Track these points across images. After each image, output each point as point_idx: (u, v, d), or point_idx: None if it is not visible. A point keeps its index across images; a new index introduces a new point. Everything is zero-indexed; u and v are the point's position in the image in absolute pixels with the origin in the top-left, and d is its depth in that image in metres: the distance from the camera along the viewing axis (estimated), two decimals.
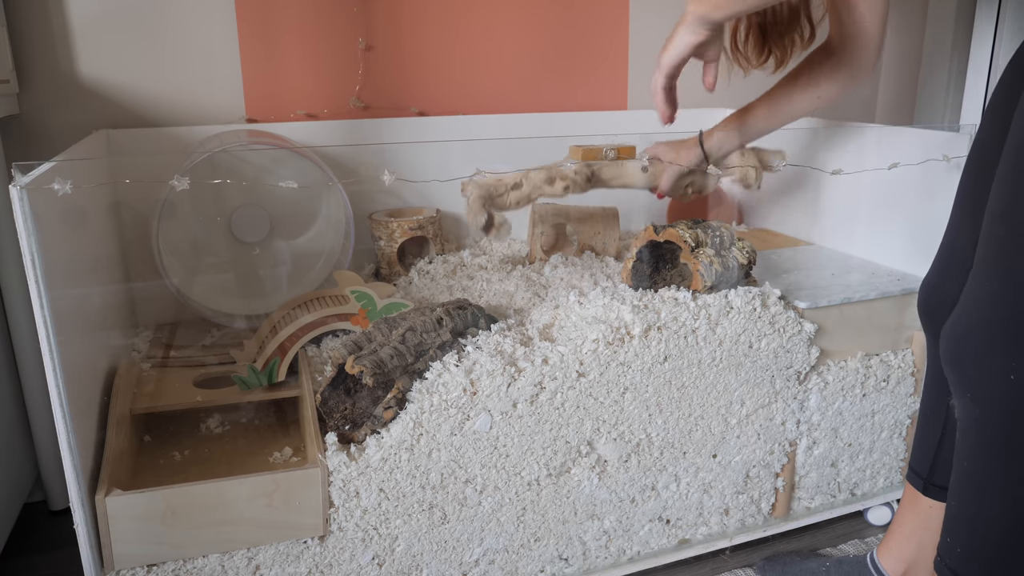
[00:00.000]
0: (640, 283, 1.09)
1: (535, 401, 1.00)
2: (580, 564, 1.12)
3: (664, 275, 1.11)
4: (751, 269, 1.10)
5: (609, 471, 1.08)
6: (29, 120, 1.30)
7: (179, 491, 0.88)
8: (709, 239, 1.06)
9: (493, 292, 1.28)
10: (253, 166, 1.26)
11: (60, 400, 0.81)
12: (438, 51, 1.53)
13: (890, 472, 1.29)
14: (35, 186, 0.77)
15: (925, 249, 1.23)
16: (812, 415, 1.19)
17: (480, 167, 0.94)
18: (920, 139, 1.21)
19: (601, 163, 1.18)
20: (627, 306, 1.05)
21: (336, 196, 1.30)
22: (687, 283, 1.08)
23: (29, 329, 1.22)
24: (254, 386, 1.07)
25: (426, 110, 1.55)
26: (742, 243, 1.08)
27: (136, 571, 0.90)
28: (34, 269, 0.77)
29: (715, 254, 1.05)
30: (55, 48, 1.29)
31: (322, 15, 1.43)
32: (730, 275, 1.05)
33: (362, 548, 0.98)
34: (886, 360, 1.22)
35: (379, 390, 0.99)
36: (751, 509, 1.20)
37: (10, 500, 1.22)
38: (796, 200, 1.51)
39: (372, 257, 1.47)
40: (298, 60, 1.44)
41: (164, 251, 1.19)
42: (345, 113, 1.48)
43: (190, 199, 1.26)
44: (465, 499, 1.01)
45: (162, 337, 1.26)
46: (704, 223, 1.10)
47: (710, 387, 1.10)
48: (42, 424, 1.27)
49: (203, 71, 1.38)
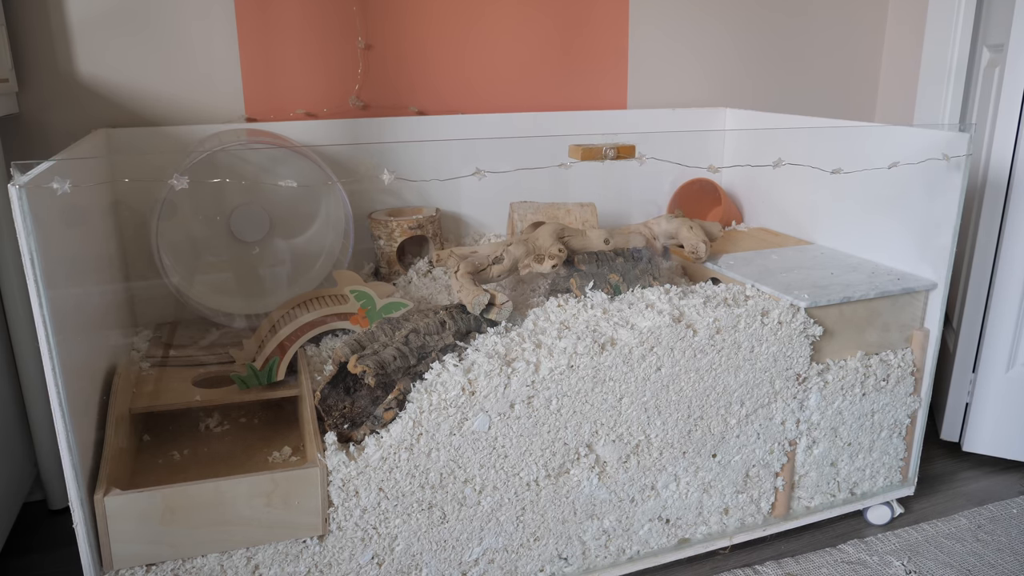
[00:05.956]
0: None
1: (531, 403, 1.00)
2: (580, 563, 1.12)
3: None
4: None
5: (608, 471, 1.08)
6: (28, 119, 1.30)
7: (178, 491, 0.88)
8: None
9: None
10: (253, 165, 1.26)
11: (59, 399, 0.81)
12: (438, 50, 1.53)
13: (890, 471, 1.29)
14: (34, 185, 0.77)
15: (925, 249, 1.23)
16: (812, 414, 1.19)
17: (479, 166, 0.94)
18: (920, 139, 1.21)
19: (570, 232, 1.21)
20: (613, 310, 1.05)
21: (335, 195, 1.30)
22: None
23: (28, 329, 1.22)
24: (253, 385, 1.07)
25: (425, 109, 1.55)
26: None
27: (135, 570, 0.90)
28: (33, 268, 0.77)
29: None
30: (54, 47, 1.29)
31: (322, 14, 1.43)
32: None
33: (361, 547, 0.97)
34: (886, 360, 1.22)
35: (379, 390, 0.99)
36: (751, 508, 1.20)
37: (10, 499, 1.22)
38: (796, 200, 1.51)
39: (372, 256, 1.47)
40: (298, 59, 1.44)
41: (163, 250, 1.19)
42: (344, 112, 1.48)
43: (190, 198, 1.25)
44: (464, 499, 1.01)
45: (161, 336, 1.25)
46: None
47: (709, 388, 1.10)
48: (41, 423, 1.27)
49: (202, 70, 1.38)
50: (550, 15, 1.59)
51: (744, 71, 1.80)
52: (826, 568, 1.19)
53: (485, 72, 1.58)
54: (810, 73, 1.87)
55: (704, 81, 1.76)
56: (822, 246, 1.43)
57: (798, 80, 1.86)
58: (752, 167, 1.58)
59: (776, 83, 1.84)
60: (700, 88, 1.77)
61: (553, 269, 1.15)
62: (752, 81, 1.82)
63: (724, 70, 1.78)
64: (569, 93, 1.64)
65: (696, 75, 1.76)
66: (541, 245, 1.17)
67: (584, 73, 1.65)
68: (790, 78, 1.85)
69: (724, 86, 1.79)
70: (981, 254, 1.44)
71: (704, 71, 1.76)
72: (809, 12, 1.82)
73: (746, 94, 1.82)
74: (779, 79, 1.84)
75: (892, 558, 1.22)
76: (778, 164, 1.10)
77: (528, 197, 1.52)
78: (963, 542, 1.26)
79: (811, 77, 1.87)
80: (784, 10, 1.80)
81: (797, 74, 1.86)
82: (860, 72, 1.92)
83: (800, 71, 1.86)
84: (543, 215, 1.42)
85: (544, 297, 1.20)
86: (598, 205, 1.50)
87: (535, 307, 1.15)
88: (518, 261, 1.17)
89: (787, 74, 1.85)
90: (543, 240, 1.18)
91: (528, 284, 1.27)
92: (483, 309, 1.07)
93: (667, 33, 1.70)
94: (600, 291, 1.17)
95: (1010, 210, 1.38)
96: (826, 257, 1.35)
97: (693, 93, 1.77)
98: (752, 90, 1.83)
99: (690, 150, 1.65)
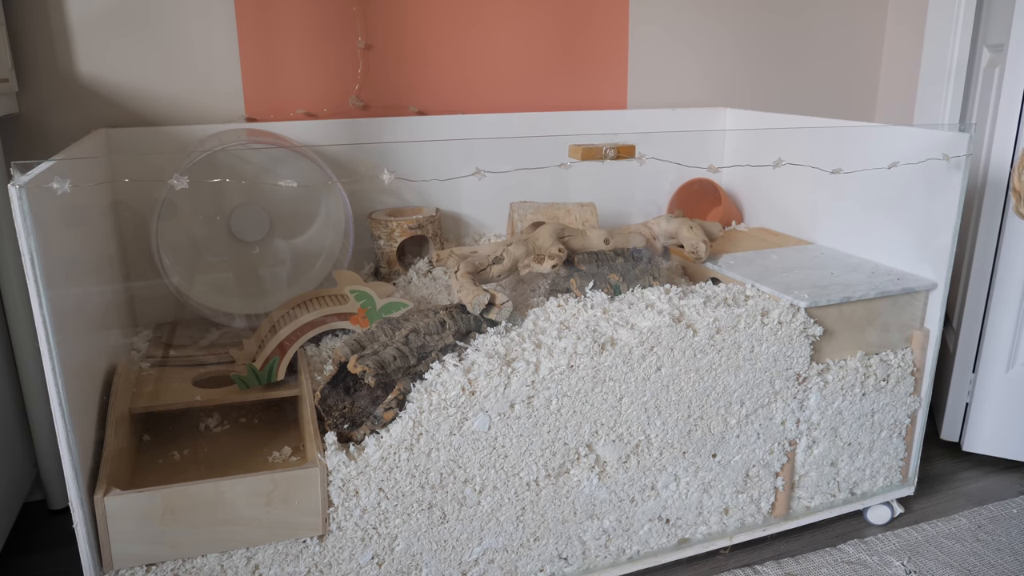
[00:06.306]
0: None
1: (531, 403, 1.00)
2: (580, 563, 1.12)
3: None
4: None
5: (608, 471, 1.08)
6: (28, 119, 1.30)
7: (178, 490, 0.88)
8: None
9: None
10: (252, 165, 1.26)
11: (59, 399, 0.81)
12: (438, 50, 1.53)
13: (890, 471, 1.29)
14: (34, 185, 0.77)
15: (925, 249, 1.23)
16: (812, 414, 1.19)
17: (479, 166, 0.94)
18: (920, 139, 1.21)
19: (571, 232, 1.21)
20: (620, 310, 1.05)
21: (336, 195, 1.30)
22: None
23: (28, 329, 1.22)
24: (253, 385, 1.07)
25: (425, 109, 1.55)
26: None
27: (135, 570, 0.90)
28: (33, 268, 0.77)
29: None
30: (54, 47, 1.29)
31: (322, 14, 1.43)
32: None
33: (361, 547, 0.97)
34: (886, 359, 1.22)
35: (379, 390, 0.99)
36: (751, 508, 1.20)
37: (10, 499, 1.22)
38: (796, 200, 1.51)
39: (372, 256, 1.47)
40: (298, 59, 1.44)
41: (163, 250, 1.19)
42: (344, 112, 1.48)
43: (189, 198, 1.25)
44: (464, 499, 1.01)
45: (161, 336, 1.25)
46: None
47: (709, 388, 1.10)
48: (41, 423, 1.27)
49: (202, 70, 1.38)
50: (550, 15, 1.59)
51: (744, 71, 1.80)
52: (826, 568, 1.19)
53: (485, 72, 1.58)
54: (810, 73, 1.87)
55: (704, 81, 1.76)
56: (822, 246, 1.43)
57: (798, 80, 1.86)
58: (752, 167, 1.58)
59: (776, 83, 1.84)
60: (700, 88, 1.77)
61: (553, 269, 1.15)
62: (752, 81, 1.82)
63: (724, 70, 1.78)
64: (569, 93, 1.64)
65: (696, 75, 1.76)
66: (541, 245, 1.17)
67: (584, 73, 1.65)
68: (790, 78, 1.85)
69: (724, 86, 1.79)
70: (981, 254, 1.44)
71: (704, 71, 1.76)
72: (809, 12, 1.82)
73: (746, 94, 1.82)
74: (779, 79, 1.84)
75: (892, 558, 1.22)
76: (778, 164, 1.10)
77: (528, 197, 1.52)
78: (963, 542, 1.26)
79: (811, 77, 1.87)
80: (784, 10, 1.80)
81: (797, 74, 1.86)
82: (860, 72, 1.92)
83: (800, 71, 1.86)
84: (543, 215, 1.42)
85: (544, 297, 1.20)
86: (598, 205, 1.50)
87: (535, 307, 1.15)
88: (518, 261, 1.17)
89: (787, 74, 1.85)
90: (543, 240, 1.18)
91: (528, 284, 1.27)
92: (483, 309, 1.07)
93: (667, 33, 1.70)
94: (600, 291, 1.17)
95: (1010, 210, 1.38)
96: (826, 257, 1.35)
97: (693, 93, 1.77)
98: (752, 90, 1.83)
99: (690, 150, 1.65)
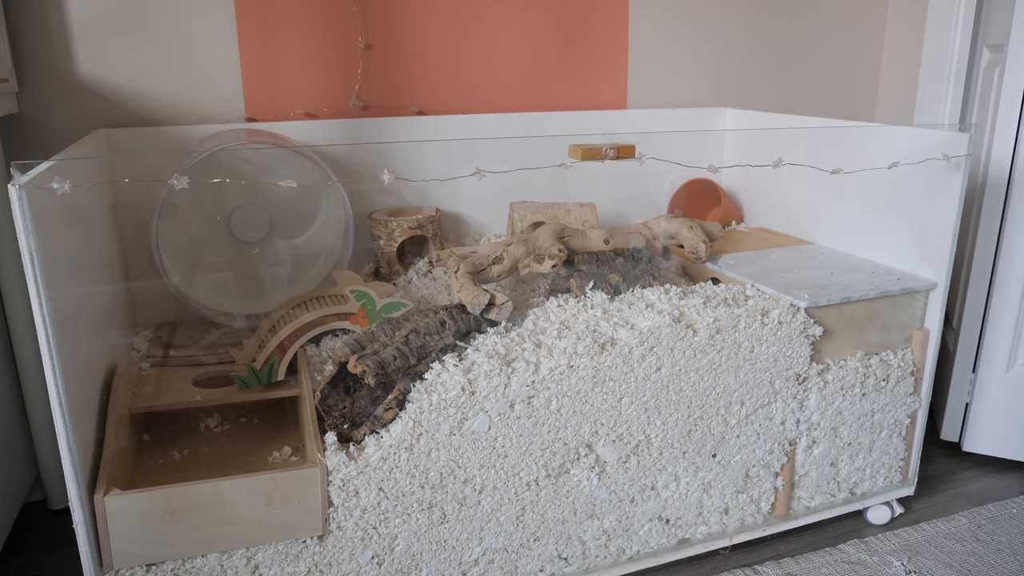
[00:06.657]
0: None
1: (531, 403, 1.00)
2: (580, 563, 1.12)
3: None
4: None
5: (608, 471, 1.08)
6: (28, 119, 1.30)
7: (178, 490, 0.88)
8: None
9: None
10: (252, 165, 1.26)
11: (59, 399, 0.81)
12: (438, 50, 1.53)
13: (890, 471, 1.29)
14: (34, 185, 0.77)
15: (925, 249, 1.23)
16: (812, 414, 1.19)
17: (479, 166, 0.94)
18: (920, 139, 1.21)
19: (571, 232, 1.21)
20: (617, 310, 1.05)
21: (335, 195, 1.30)
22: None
23: (28, 329, 1.22)
24: (253, 385, 1.07)
25: (425, 109, 1.55)
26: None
27: (135, 570, 0.90)
28: (33, 268, 0.77)
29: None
30: (54, 47, 1.29)
31: (322, 14, 1.43)
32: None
33: (361, 547, 0.97)
34: (886, 359, 1.22)
35: (379, 390, 0.99)
36: (751, 508, 1.20)
37: (9, 499, 1.22)
38: (796, 200, 1.51)
39: (372, 256, 1.47)
40: (298, 59, 1.44)
41: (163, 250, 1.19)
42: (344, 112, 1.48)
43: (189, 198, 1.25)
44: (464, 499, 1.01)
45: (161, 336, 1.25)
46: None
47: (709, 388, 1.10)
48: (41, 423, 1.27)
49: (202, 70, 1.38)
50: (550, 15, 1.59)
51: (744, 71, 1.80)
52: (826, 568, 1.19)
53: (485, 72, 1.58)
54: (810, 73, 1.87)
55: (704, 81, 1.76)
56: (822, 246, 1.43)
57: (798, 80, 1.86)
58: (752, 167, 1.58)
59: (776, 83, 1.84)
60: (700, 88, 1.77)
61: (553, 269, 1.15)
62: (752, 81, 1.82)
63: (724, 70, 1.78)
64: (569, 93, 1.64)
65: (696, 75, 1.76)
66: (541, 245, 1.17)
67: (584, 73, 1.65)
68: (790, 78, 1.85)
69: (724, 86, 1.79)
70: (981, 254, 1.44)
71: (704, 71, 1.76)
72: (809, 12, 1.82)
73: (746, 94, 1.82)
74: (779, 79, 1.84)
75: (892, 558, 1.22)
76: (778, 164, 1.10)
77: (528, 197, 1.52)
78: (963, 542, 1.26)
79: (811, 77, 1.87)
80: (784, 10, 1.80)
81: (797, 74, 1.86)
82: (860, 72, 1.92)
83: (800, 71, 1.86)
84: (543, 215, 1.43)
85: (544, 297, 1.20)
86: (598, 205, 1.50)
87: (535, 307, 1.15)
88: (518, 261, 1.17)
89: (787, 74, 1.85)
90: (543, 240, 1.18)
91: (528, 284, 1.27)
92: (483, 309, 1.07)
93: (667, 33, 1.70)
94: (600, 291, 1.17)
95: (1010, 210, 1.38)
96: (826, 257, 1.35)
97: (693, 93, 1.77)
98: (752, 90, 1.83)
99: (690, 150, 1.65)
